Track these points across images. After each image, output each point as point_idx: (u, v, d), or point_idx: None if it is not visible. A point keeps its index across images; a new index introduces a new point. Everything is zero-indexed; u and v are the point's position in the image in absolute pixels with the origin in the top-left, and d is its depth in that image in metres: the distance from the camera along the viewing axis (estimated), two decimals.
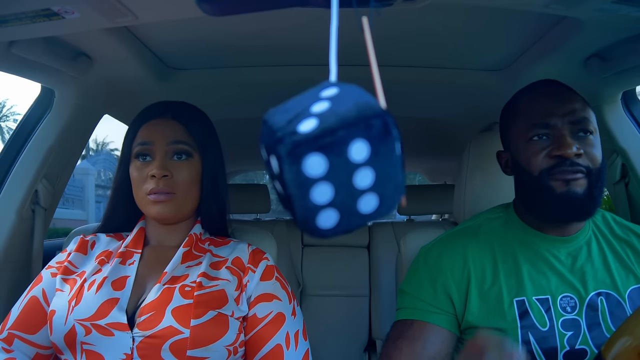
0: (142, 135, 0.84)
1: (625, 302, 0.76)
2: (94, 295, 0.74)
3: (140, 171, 0.82)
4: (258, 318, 0.79)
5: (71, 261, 0.83)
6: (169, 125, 0.85)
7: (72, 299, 0.74)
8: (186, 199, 0.83)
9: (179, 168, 0.82)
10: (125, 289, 0.76)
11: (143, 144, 0.83)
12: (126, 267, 0.80)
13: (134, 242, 0.85)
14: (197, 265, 0.81)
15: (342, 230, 0.32)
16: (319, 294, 1.94)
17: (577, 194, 0.75)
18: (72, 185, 12.09)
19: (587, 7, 0.68)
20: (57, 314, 0.74)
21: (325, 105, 0.31)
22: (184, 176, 0.82)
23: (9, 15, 0.66)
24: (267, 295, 0.81)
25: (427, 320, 0.79)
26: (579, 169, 0.75)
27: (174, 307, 0.73)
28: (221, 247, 0.87)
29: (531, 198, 0.82)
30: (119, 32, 0.90)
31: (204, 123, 0.89)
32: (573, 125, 0.77)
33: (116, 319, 0.71)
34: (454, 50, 1.09)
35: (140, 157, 0.83)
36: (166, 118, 0.86)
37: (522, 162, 0.81)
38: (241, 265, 0.83)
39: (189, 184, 0.83)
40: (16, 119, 22.47)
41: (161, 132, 0.83)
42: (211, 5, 0.57)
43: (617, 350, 0.52)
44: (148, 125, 0.85)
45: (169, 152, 0.83)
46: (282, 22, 0.91)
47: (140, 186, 0.82)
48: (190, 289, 0.76)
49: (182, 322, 0.71)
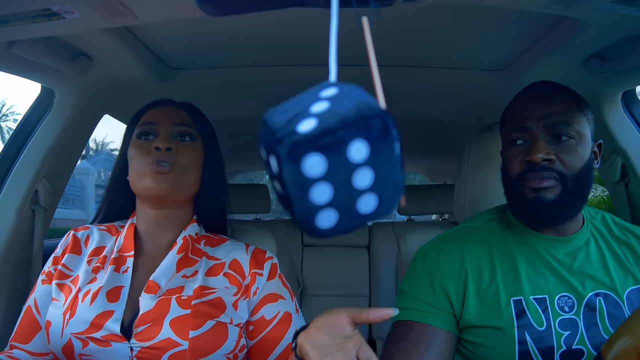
0: (146, 117, 0.84)
1: (623, 303, 0.76)
2: (88, 307, 0.72)
3: (142, 147, 0.80)
4: (266, 320, 0.78)
5: (65, 264, 0.80)
6: (175, 110, 0.85)
7: (66, 310, 0.73)
8: (185, 178, 0.81)
9: (182, 147, 0.81)
10: (120, 301, 0.74)
11: (147, 124, 0.83)
12: (120, 275, 0.77)
13: (126, 243, 0.81)
14: (193, 275, 0.79)
15: (341, 230, 0.32)
16: (319, 294, 1.94)
17: (546, 201, 0.75)
18: (72, 185, 12.09)
19: (587, 7, 0.68)
20: (53, 326, 0.73)
21: (325, 105, 0.31)
22: (186, 155, 0.81)
23: (9, 15, 0.66)
24: (273, 295, 0.80)
25: (427, 322, 0.79)
26: (549, 175, 0.75)
27: (172, 318, 0.71)
28: (218, 248, 0.85)
29: (510, 200, 0.84)
30: (119, 32, 0.90)
31: (208, 122, 0.90)
32: (547, 129, 0.77)
33: (111, 331, 0.70)
34: (454, 50, 1.09)
35: (143, 136, 0.82)
36: (172, 106, 0.87)
37: (505, 165, 0.83)
38: (240, 270, 0.81)
39: (190, 163, 0.82)
40: (16, 119, 22.49)
41: (166, 114, 0.84)
42: (211, 5, 0.57)
43: (617, 350, 0.52)
44: (153, 110, 0.86)
45: (173, 133, 0.82)
46: (282, 22, 0.91)
47: (140, 160, 0.79)
48: (187, 298, 0.74)
49: (180, 333, 0.70)
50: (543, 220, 0.79)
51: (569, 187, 0.75)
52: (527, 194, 0.77)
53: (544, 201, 0.76)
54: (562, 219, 0.78)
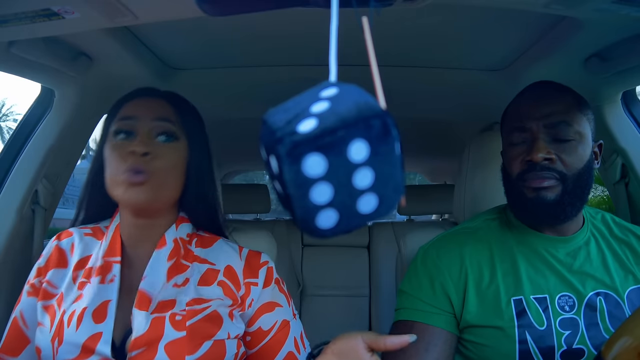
0: (124, 111, 0.75)
1: (624, 303, 0.76)
2: (75, 332, 0.68)
3: (118, 149, 0.72)
4: (264, 331, 0.77)
5: (50, 281, 0.75)
6: (157, 103, 0.76)
7: (53, 337, 0.69)
8: (164, 186, 0.73)
9: (162, 149, 0.73)
10: (107, 319, 0.69)
11: (125, 119, 0.74)
12: (107, 286, 0.71)
13: (111, 247, 0.75)
14: (184, 284, 0.73)
15: (341, 230, 0.32)
16: (319, 294, 1.94)
17: (546, 200, 0.76)
18: (72, 185, 12.02)
19: (587, 7, 0.68)
20: (43, 354, 0.69)
21: (325, 105, 0.31)
22: (165, 160, 0.72)
23: (9, 15, 0.66)
24: (269, 304, 0.78)
25: (428, 322, 0.79)
26: (550, 174, 0.75)
27: (166, 343, 0.67)
28: (210, 249, 0.80)
29: (511, 200, 0.84)
30: (119, 32, 0.90)
31: (194, 114, 0.81)
32: (548, 129, 0.77)
33: (103, 355, 0.66)
34: (454, 50, 1.09)
35: (120, 134, 0.73)
36: (155, 97, 0.78)
37: (506, 165, 0.83)
38: (235, 278, 0.77)
39: (170, 169, 0.73)
40: (16, 119, 22.47)
41: (147, 107, 0.75)
42: (211, 5, 0.57)
43: (617, 350, 0.52)
44: (133, 102, 0.77)
45: (153, 130, 0.74)
46: (282, 22, 0.91)
47: (115, 165, 0.71)
48: (181, 318, 0.70)
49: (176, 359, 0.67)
50: (543, 219, 0.79)
51: (569, 187, 0.76)
52: (528, 193, 0.77)
53: (544, 201, 0.76)
54: (562, 218, 0.78)
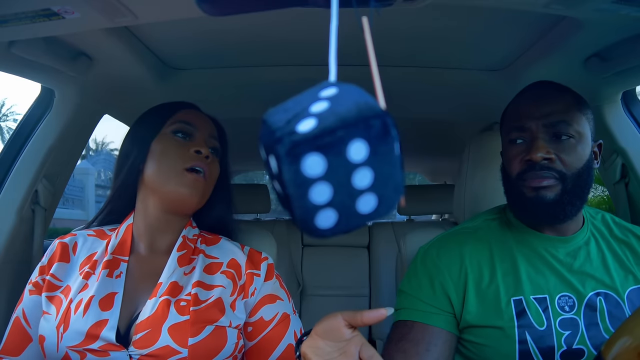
0: (182, 116, 0.83)
1: (624, 303, 0.76)
2: (82, 318, 0.70)
3: (178, 146, 0.79)
4: (265, 321, 0.78)
5: (54, 274, 0.77)
6: (209, 121, 0.86)
7: (59, 324, 0.71)
8: (209, 190, 0.82)
9: (212, 162, 0.82)
10: (114, 308, 0.71)
11: (185, 123, 0.82)
12: (113, 280, 0.75)
13: (121, 245, 0.79)
14: (191, 271, 0.78)
15: (341, 230, 0.32)
16: (319, 294, 1.95)
17: (546, 200, 0.76)
18: (72, 185, 12.08)
19: (587, 7, 0.68)
20: (47, 341, 0.71)
21: (325, 105, 0.31)
22: (214, 169, 0.83)
23: (9, 15, 0.66)
24: (270, 296, 0.80)
25: (428, 322, 0.79)
26: (549, 174, 0.75)
27: (170, 325, 0.70)
28: (214, 246, 0.85)
29: (510, 200, 0.84)
30: (119, 32, 0.90)
31: (227, 141, 0.91)
32: (547, 128, 0.77)
33: (108, 341, 0.69)
34: (454, 50, 1.09)
35: (179, 134, 0.81)
36: (204, 115, 0.87)
37: (505, 164, 0.83)
38: (238, 268, 0.81)
39: (215, 178, 0.84)
40: (16, 119, 22.47)
41: (204, 122, 0.84)
42: (211, 5, 0.57)
43: (617, 350, 0.52)
44: (188, 111, 0.85)
45: (207, 142, 0.83)
46: (282, 22, 0.91)
47: (174, 159, 0.77)
48: (186, 304, 0.73)
49: (179, 341, 0.69)
50: (543, 219, 0.79)
51: (569, 187, 0.76)
52: (527, 193, 0.77)
53: (543, 200, 0.76)
54: (562, 218, 0.78)
